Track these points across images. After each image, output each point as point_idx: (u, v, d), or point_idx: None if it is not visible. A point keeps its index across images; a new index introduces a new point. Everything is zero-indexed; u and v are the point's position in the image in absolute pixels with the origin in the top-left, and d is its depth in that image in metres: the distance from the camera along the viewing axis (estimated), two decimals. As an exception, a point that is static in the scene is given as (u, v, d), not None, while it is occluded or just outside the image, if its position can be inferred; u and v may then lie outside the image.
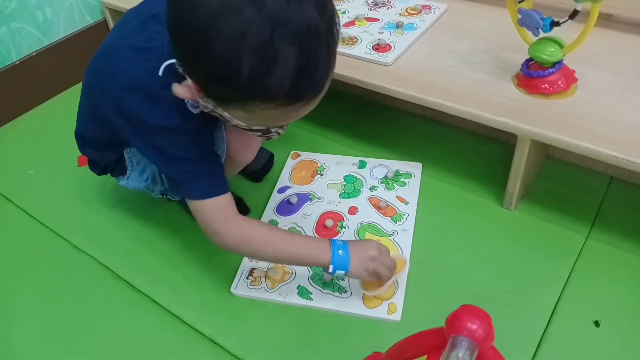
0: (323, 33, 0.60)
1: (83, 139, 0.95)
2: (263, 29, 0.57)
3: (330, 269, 0.79)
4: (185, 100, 0.72)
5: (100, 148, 0.93)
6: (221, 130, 0.85)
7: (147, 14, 0.77)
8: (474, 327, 0.50)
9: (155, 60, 0.71)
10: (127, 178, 0.95)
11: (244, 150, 0.91)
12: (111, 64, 0.78)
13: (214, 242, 0.81)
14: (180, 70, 0.68)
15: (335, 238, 0.88)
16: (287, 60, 0.58)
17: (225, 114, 0.69)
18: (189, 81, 0.66)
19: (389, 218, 0.99)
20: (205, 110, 0.72)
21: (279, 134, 0.78)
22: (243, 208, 1.04)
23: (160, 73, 0.70)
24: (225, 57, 0.58)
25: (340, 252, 0.80)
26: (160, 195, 1.00)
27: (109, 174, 0.99)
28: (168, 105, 0.73)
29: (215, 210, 0.79)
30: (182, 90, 0.68)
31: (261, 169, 1.11)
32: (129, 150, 0.92)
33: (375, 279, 0.83)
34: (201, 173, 0.78)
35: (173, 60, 0.69)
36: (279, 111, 0.64)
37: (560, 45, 0.89)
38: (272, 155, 1.14)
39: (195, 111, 0.75)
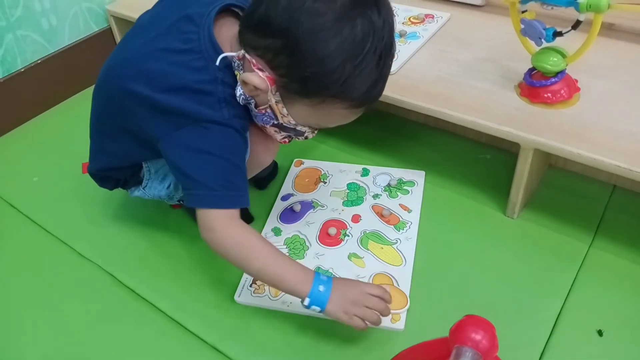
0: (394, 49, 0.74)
1: (99, 156, 0.95)
2: (367, 38, 0.68)
3: (306, 302, 0.76)
4: (238, 94, 0.76)
5: (118, 161, 0.93)
6: (247, 133, 0.86)
7: (172, 18, 0.79)
8: (478, 337, 0.50)
9: (201, 60, 0.75)
10: (144, 188, 0.95)
11: (264, 154, 0.93)
12: (143, 69, 0.78)
13: (205, 239, 0.80)
14: (235, 64, 0.75)
15: (323, 272, 0.89)
16: (373, 68, 0.70)
17: (284, 110, 0.75)
18: (259, 73, 0.72)
19: (392, 226, 1.00)
20: (259, 108, 0.77)
21: (306, 137, 0.84)
22: (247, 217, 1.04)
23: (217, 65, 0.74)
24: (332, 57, 0.67)
25: (321, 287, 0.76)
26: (177, 202, 1.01)
27: (119, 188, 0.99)
28: (217, 99, 0.76)
29: (221, 212, 0.79)
30: (258, 79, 0.72)
31: (266, 177, 1.11)
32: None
33: (358, 323, 0.76)
34: (227, 179, 0.78)
35: (226, 54, 0.74)
36: (346, 111, 0.74)
37: (563, 55, 0.89)
38: (276, 164, 1.14)
39: (241, 103, 0.78)
